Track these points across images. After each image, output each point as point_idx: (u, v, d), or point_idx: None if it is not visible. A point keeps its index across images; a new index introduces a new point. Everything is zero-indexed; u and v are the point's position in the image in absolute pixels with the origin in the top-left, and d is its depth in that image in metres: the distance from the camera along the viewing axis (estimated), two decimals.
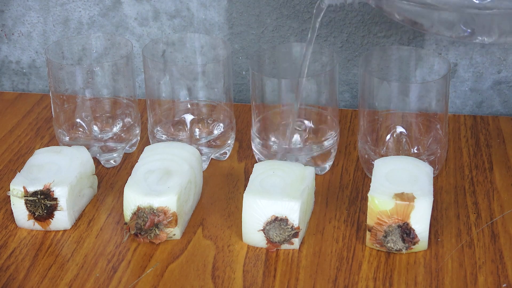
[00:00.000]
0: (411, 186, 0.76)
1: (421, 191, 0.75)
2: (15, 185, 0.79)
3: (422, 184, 0.76)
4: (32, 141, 0.96)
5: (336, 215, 0.82)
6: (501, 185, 0.86)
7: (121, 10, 1.05)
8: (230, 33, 1.04)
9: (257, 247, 0.77)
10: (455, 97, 1.03)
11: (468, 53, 1.01)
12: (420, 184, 0.76)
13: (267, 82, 0.85)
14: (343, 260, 0.75)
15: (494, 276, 0.73)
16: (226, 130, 0.90)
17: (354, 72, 1.04)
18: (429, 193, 0.75)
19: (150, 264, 0.76)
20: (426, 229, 0.75)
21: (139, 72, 1.07)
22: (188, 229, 0.80)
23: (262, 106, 0.87)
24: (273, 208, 0.75)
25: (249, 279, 0.73)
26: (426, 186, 0.76)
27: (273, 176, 0.79)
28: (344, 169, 0.89)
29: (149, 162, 0.81)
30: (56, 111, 0.90)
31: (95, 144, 0.90)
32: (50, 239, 0.79)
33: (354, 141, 0.94)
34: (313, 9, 1.01)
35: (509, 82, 1.02)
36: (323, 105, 0.88)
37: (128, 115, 0.92)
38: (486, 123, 0.97)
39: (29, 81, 1.12)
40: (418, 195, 0.74)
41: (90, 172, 0.84)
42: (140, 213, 0.76)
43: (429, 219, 0.74)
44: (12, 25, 1.08)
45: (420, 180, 0.77)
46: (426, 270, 0.74)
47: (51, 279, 0.74)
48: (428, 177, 0.77)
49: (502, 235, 0.78)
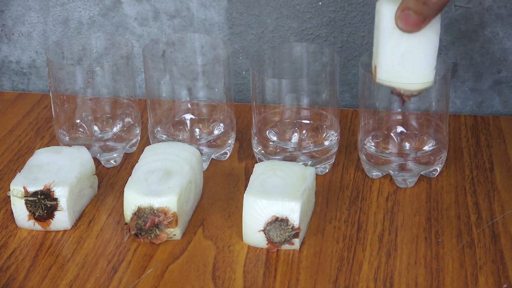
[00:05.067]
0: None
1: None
2: (15, 185, 0.79)
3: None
4: (32, 141, 0.96)
5: (337, 215, 0.82)
6: (501, 185, 0.86)
7: (121, 10, 1.05)
8: (230, 33, 1.04)
9: (257, 248, 0.77)
10: (455, 97, 1.03)
11: (468, 53, 1.00)
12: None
13: (267, 82, 0.85)
14: (343, 261, 0.75)
15: (494, 276, 0.73)
16: (227, 130, 0.90)
17: (354, 72, 1.04)
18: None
19: (150, 265, 0.76)
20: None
21: (139, 72, 1.07)
22: (188, 230, 0.80)
23: (262, 106, 0.87)
24: (274, 208, 0.75)
25: (249, 279, 0.73)
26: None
27: (274, 176, 0.79)
28: (344, 169, 0.89)
29: (149, 162, 0.81)
30: (56, 111, 0.90)
31: (95, 144, 0.90)
32: (50, 239, 0.79)
33: (354, 141, 0.94)
34: (313, 9, 1.01)
35: (509, 82, 1.02)
36: (323, 105, 0.87)
37: (128, 115, 0.92)
38: (486, 123, 0.97)
39: (29, 81, 1.12)
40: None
41: (90, 172, 0.84)
42: (141, 213, 0.76)
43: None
44: (12, 25, 1.08)
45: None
46: (427, 270, 0.74)
47: (51, 280, 0.74)
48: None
49: (503, 236, 0.78)
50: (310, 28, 1.02)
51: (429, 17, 0.75)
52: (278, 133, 0.89)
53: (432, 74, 0.78)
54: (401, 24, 0.76)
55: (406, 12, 0.75)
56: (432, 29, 0.76)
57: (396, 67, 0.77)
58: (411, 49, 0.76)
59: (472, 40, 1.00)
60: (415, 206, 0.83)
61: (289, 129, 0.89)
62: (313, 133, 0.89)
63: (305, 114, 0.89)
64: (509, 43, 0.99)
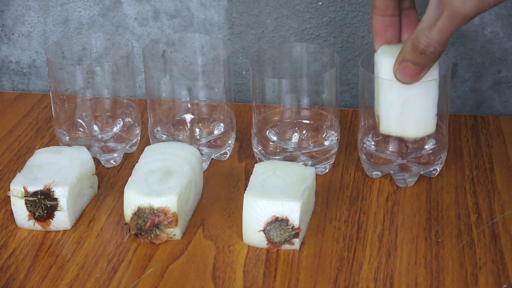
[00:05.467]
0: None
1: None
2: (15, 185, 0.79)
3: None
4: (32, 141, 0.96)
5: (337, 215, 0.82)
6: (501, 185, 0.86)
7: (121, 10, 1.05)
8: (230, 33, 1.04)
9: (257, 248, 0.77)
10: (455, 97, 1.03)
11: (468, 53, 1.00)
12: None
13: (267, 82, 0.85)
14: (343, 261, 0.75)
15: (494, 276, 0.73)
16: (227, 130, 0.90)
17: (354, 72, 1.04)
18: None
19: (150, 265, 0.76)
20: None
21: (139, 72, 1.07)
22: (188, 230, 0.80)
23: (262, 106, 0.87)
24: (274, 208, 0.75)
25: (249, 279, 0.73)
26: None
27: (274, 177, 0.79)
28: (344, 169, 0.89)
29: (149, 162, 0.81)
30: (56, 111, 0.90)
31: (95, 144, 0.90)
32: (50, 239, 0.79)
33: (354, 141, 0.94)
34: (313, 9, 1.01)
35: (509, 82, 1.02)
36: (323, 105, 0.87)
37: (128, 115, 0.92)
38: (486, 123, 0.97)
39: (29, 81, 1.12)
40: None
41: (90, 172, 0.84)
42: (141, 213, 0.76)
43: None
44: (12, 25, 1.08)
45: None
46: (427, 270, 0.74)
47: (51, 280, 0.74)
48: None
49: (503, 236, 0.78)
50: (310, 28, 1.02)
51: (427, 66, 0.76)
52: (278, 133, 0.89)
53: (433, 122, 0.81)
54: (400, 76, 0.77)
55: (404, 64, 0.76)
56: (431, 77, 0.78)
57: (398, 117, 0.80)
58: (411, 99, 0.79)
59: (472, 40, 1.00)
60: (415, 206, 0.83)
61: (289, 129, 0.89)
62: (313, 133, 0.89)
63: (305, 114, 0.89)
64: (509, 43, 0.99)
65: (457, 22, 0.71)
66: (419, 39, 0.74)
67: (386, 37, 0.80)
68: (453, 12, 0.70)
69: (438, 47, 0.74)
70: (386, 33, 0.79)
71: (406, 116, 0.80)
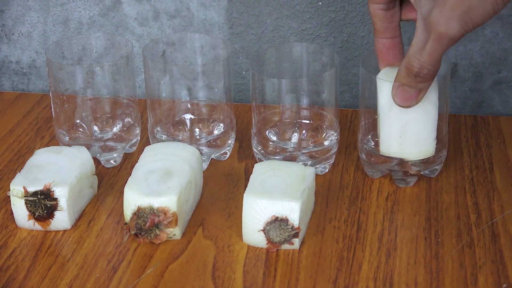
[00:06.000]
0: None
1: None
2: (15, 185, 0.79)
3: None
4: (32, 141, 0.96)
5: (337, 215, 0.82)
6: (501, 185, 0.86)
7: (121, 10, 1.05)
8: (230, 33, 1.04)
9: (257, 247, 0.77)
10: (455, 97, 1.03)
11: (468, 53, 1.01)
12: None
13: (267, 82, 0.85)
14: (343, 261, 0.75)
15: (494, 276, 0.73)
16: (226, 130, 0.90)
17: (354, 72, 1.04)
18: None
19: (150, 264, 0.76)
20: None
21: (139, 72, 1.07)
22: (188, 229, 0.80)
23: (262, 106, 0.87)
24: (273, 208, 0.75)
25: (249, 279, 0.73)
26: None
27: (273, 176, 0.79)
28: (344, 169, 0.89)
29: (149, 162, 0.81)
30: (56, 111, 0.90)
31: (95, 144, 0.90)
32: (50, 239, 0.79)
33: (354, 141, 0.94)
34: (313, 9, 1.01)
35: (509, 82, 1.02)
36: (323, 105, 0.88)
37: (128, 115, 0.92)
38: (486, 123, 0.97)
39: (29, 81, 1.12)
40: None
41: (90, 172, 0.84)
42: (140, 213, 0.76)
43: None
44: (12, 25, 1.08)
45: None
46: (427, 270, 0.74)
47: (51, 280, 0.74)
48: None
49: (503, 236, 0.78)
50: (310, 28, 1.02)
51: (424, 88, 0.77)
52: (278, 133, 0.89)
53: (433, 144, 0.82)
54: (399, 100, 0.78)
55: (401, 89, 0.77)
56: (429, 100, 0.79)
57: (398, 140, 0.81)
58: (410, 122, 0.80)
59: (472, 40, 1.00)
60: (414, 206, 0.83)
61: (289, 129, 0.89)
62: (313, 133, 0.89)
63: (305, 114, 0.89)
64: (509, 43, 0.99)
65: (444, 44, 0.72)
66: (411, 63, 0.74)
67: (389, 59, 0.80)
68: (439, 36, 0.71)
69: (431, 68, 0.74)
70: (388, 55, 0.80)
71: (405, 139, 0.81)
